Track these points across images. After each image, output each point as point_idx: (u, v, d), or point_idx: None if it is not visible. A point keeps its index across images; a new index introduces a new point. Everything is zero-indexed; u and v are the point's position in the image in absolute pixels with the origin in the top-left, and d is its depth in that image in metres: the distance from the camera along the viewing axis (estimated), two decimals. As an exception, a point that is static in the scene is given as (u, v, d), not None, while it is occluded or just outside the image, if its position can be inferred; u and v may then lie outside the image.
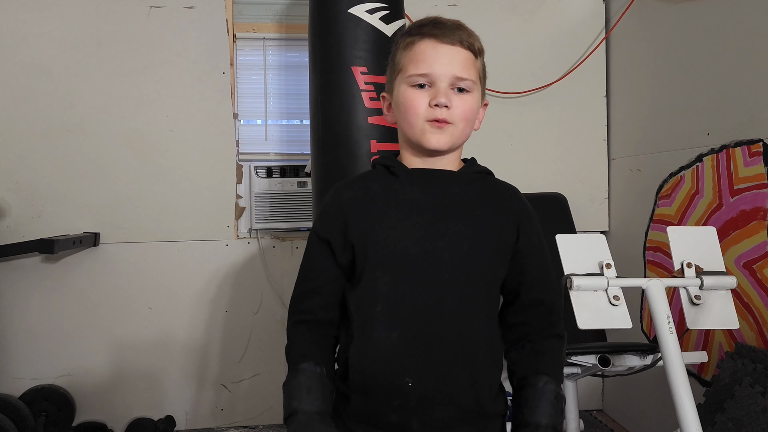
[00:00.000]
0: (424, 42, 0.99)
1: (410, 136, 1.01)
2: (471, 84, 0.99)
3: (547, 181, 2.79)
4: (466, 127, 1.01)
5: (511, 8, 2.83)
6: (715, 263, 1.41)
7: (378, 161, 1.08)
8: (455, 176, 1.04)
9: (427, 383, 0.95)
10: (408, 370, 0.95)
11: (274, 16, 2.82)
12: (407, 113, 0.99)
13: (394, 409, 0.95)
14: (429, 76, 0.97)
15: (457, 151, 1.05)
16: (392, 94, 1.05)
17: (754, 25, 1.93)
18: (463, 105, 0.99)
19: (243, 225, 2.80)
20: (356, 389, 0.98)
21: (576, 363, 1.91)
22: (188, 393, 2.72)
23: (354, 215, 1.00)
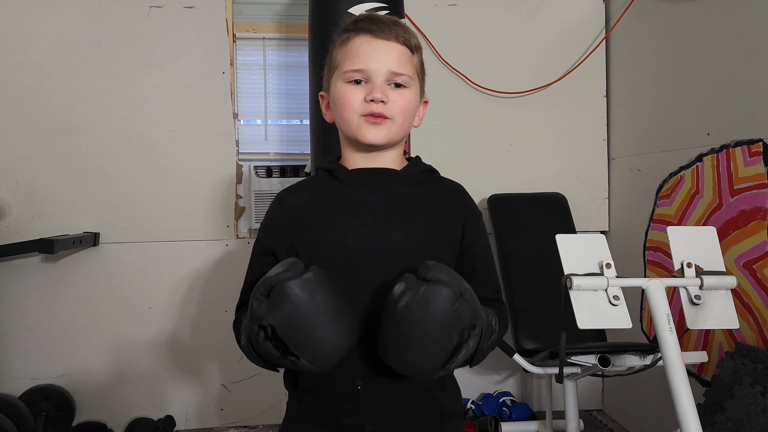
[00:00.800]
0: (359, 37, 0.99)
1: (347, 132, 1.00)
2: (407, 79, 0.99)
3: (547, 181, 2.79)
4: (404, 122, 0.99)
5: (511, 8, 2.83)
6: (715, 263, 1.41)
7: (320, 165, 1.06)
8: (399, 175, 1.03)
9: (377, 385, 0.94)
10: (357, 373, 0.94)
11: (274, 16, 2.82)
12: (343, 109, 0.98)
13: (347, 412, 0.94)
14: (364, 71, 0.97)
15: (397, 148, 1.04)
16: (329, 92, 1.04)
17: (754, 25, 1.93)
18: (400, 100, 0.98)
19: (243, 225, 2.80)
20: (308, 392, 0.98)
21: (576, 363, 1.92)
22: (188, 393, 2.72)
23: (299, 222, 0.99)
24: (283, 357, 0.83)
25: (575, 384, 2.10)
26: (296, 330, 0.80)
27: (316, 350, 0.81)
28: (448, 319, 0.81)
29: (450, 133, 2.77)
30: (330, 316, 0.82)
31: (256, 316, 0.82)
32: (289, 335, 0.80)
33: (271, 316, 0.80)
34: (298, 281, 0.80)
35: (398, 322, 0.82)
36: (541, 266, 2.40)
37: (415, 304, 0.81)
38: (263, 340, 0.83)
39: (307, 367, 0.83)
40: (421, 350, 0.82)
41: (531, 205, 2.65)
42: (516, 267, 2.47)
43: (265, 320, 0.81)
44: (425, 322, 0.81)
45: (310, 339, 0.81)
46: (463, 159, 2.77)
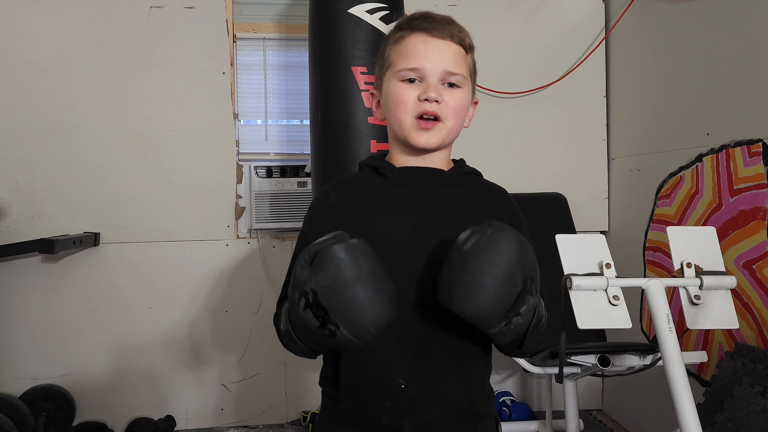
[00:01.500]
0: (414, 36, 0.97)
1: (398, 133, 0.99)
2: (461, 79, 0.98)
3: (547, 181, 2.79)
4: (456, 123, 0.99)
5: (511, 8, 2.84)
6: (714, 263, 1.41)
7: (365, 162, 1.06)
8: (445, 176, 1.02)
9: (420, 384, 0.93)
10: (401, 370, 0.93)
11: (274, 16, 2.82)
12: (396, 108, 0.97)
13: (385, 411, 0.93)
14: (419, 70, 0.95)
15: (447, 149, 1.03)
16: (381, 91, 1.03)
17: (754, 25, 1.93)
18: (453, 100, 0.97)
19: (243, 225, 2.80)
20: (347, 391, 0.97)
21: (576, 363, 1.92)
22: (188, 393, 2.72)
23: (342, 217, 0.98)
24: (322, 327, 0.80)
25: (575, 384, 2.10)
26: (338, 295, 0.79)
27: (357, 318, 0.79)
28: (514, 259, 0.81)
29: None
30: (373, 283, 0.81)
31: (299, 281, 0.81)
32: (331, 300, 0.79)
33: (314, 280, 0.79)
34: (343, 245, 0.80)
35: (465, 262, 0.82)
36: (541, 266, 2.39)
37: (482, 244, 0.81)
38: (303, 308, 0.81)
39: (345, 339, 0.80)
40: (488, 290, 0.81)
41: (531, 205, 2.65)
42: (516, 267, 2.46)
43: (307, 285, 0.80)
44: (493, 260, 0.80)
45: (351, 305, 0.79)
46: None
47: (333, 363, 0.99)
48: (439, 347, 0.94)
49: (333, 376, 0.99)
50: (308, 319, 0.81)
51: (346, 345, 0.82)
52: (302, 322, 0.82)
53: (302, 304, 0.81)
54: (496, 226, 0.84)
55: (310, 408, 2.77)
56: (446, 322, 0.92)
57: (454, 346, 0.95)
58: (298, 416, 2.79)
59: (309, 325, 0.82)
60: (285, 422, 2.79)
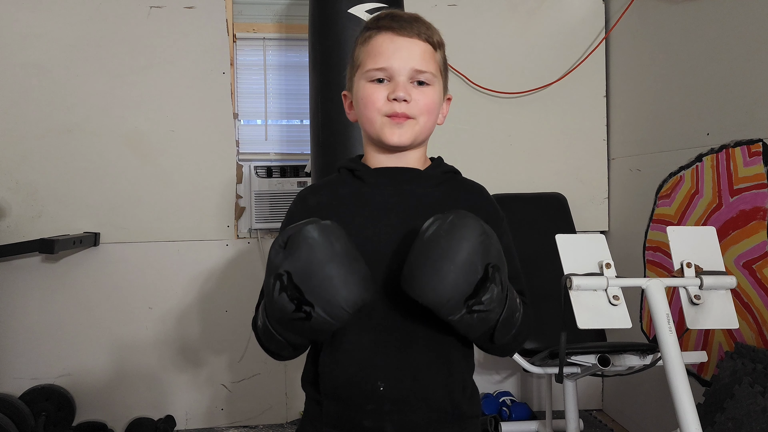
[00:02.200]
0: (381, 35, 0.97)
1: (370, 132, 0.99)
2: (431, 77, 0.97)
3: (547, 181, 2.79)
4: (428, 120, 0.99)
5: (511, 8, 2.84)
6: (714, 263, 1.41)
7: (342, 164, 1.05)
8: (422, 176, 1.01)
9: (400, 386, 0.93)
10: (380, 373, 0.92)
11: (274, 16, 2.82)
12: (366, 109, 0.97)
13: (367, 414, 0.93)
14: (387, 69, 0.95)
15: (421, 147, 1.03)
16: (352, 92, 1.03)
17: (754, 25, 1.93)
18: (423, 98, 0.97)
19: (243, 225, 2.80)
20: (328, 394, 0.96)
21: (576, 363, 1.92)
22: (188, 393, 2.72)
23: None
24: (297, 310, 0.81)
25: (575, 384, 2.10)
26: (312, 274, 0.79)
27: (332, 297, 0.80)
28: (474, 246, 0.82)
29: (450, 133, 2.77)
30: (347, 263, 0.81)
31: (273, 265, 0.82)
32: (305, 279, 0.80)
33: (288, 262, 0.80)
34: (316, 226, 0.82)
35: (424, 247, 0.82)
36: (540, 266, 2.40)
37: (442, 230, 0.82)
38: (279, 292, 0.81)
39: (320, 320, 0.81)
40: (444, 274, 0.81)
41: (531, 205, 2.65)
42: (516, 267, 2.46)
43: (281, 267, 0.81)
44: (450, 245, 0.81)
45: (325, 284, 0.79)
46: (463, 159, 2.73)
47: (313, 365, 0.99)
48: (419, 348, 0.94)
49: (313, 379, 0.99)
50: (283, 303, 0.81)
51: (322, 327, 0.82)
52: (278, 308, 0.82)
53: (277, 288, 0.81)
54: (460, 214, 0.84)
55: (310, 408, 2.76)
56: (426, 322, 0.92)
57: (434, 347, 0.94)
58: (298, 416, 2.79)
59: (285, 310, 0.82)
60: (285, 422, 2.79)
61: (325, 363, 0.96)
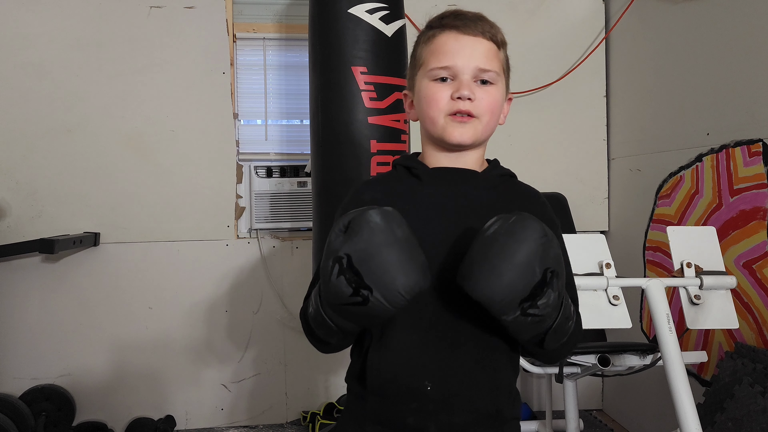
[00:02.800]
0: (445, 34, 0.97)
1: (432, 131, 0.98)
2: (495, 76, 0.96)
3: (547, 181, 2.79)
4: (491, 120, 0.98)
5: (510, 8, 2.84)
6: (714, 263, 1.41)
7: (398, 162, 1.04)
8: (479, 177, 1.00)
9: (446, 387, 0.92)
10: (427, 373, 0.92)
11: (274, 16, 2.82)
12: (429, 108, 0.96)
13: (411, 412, 0.92)
14: (451, 68, 0.95)
15: (481, 148, 1.02)
16: (414, 91, 1.02)
17: (754, 25, 1.93)
18: (487, 97, 0.96)
19: (243, 225, 2.80)
20: (373, 391, 0.95)
21: (576, 363, 1.92)
22: (188, 393, 2.72)
23: None
24: (355, 294, 0.80)
25: (575, 384, 2.10)
26: (372, 257, 0.79)
27: (390, 282, 0.79)
28: (533, 248, 0.81)
29: (450, 133, 2.77)
30: (407, 248, 0.81)
31: (333, 248, 0.81)
32: (364, 262, 0.79)
33: (348, 245, 0.80)
34: (378, 210, 0.81)
35: (483, 246, 0.82)
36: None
37: (503, 230, 0.82)
38: (337, 275, 0.80)
39: (377, 304, 0.80)
40: (501, 273, 0.80)
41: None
42: (516, 267, 2.46)
43: (341, 250, 0.80)
44: (510, 245, 0.81)
45: (385, 267, 0.79)
46: (463, 159, 2.76)
47: (360, 361, 0.98)
48: (467, 350, 0.93)
49: (359, 375, 0.98)
50: (341, 287, 0.80)
51: (378, 313, 0.81)
52: (334, 292, 0.81)
53: (336, 271, 0.80)
54: (522, 216, 0.84)
55: (310, 408, 2.77)
56: (476, 324, 0.92)
57: (482, 350, 0.94)
58: (298, 416, 2.79)
59: (341, 294, 0.81)
60: (285, 422, 2.79)
61: (373, 359, 0.95)
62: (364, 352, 0.97)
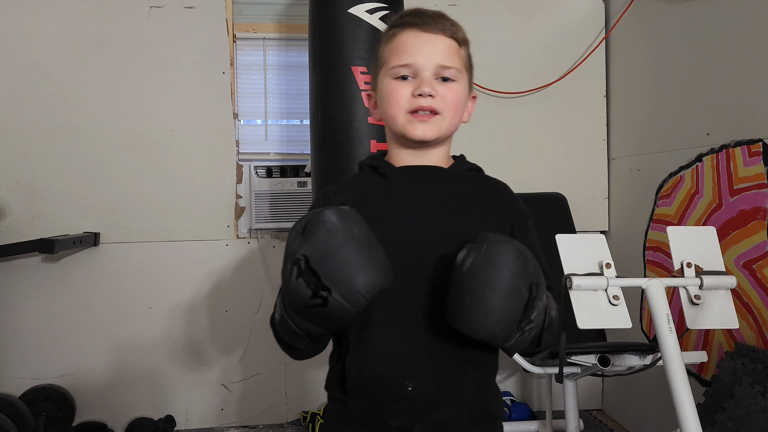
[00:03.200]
0: (405, 32, 0.97)
1: (395, 129, 0.98)
2: (456, 72, 0.97)
3: (547, 181, 2.79)
4: (453, 117, 0.98)
5: (510, 8, 2.84)
6: (714, 263, 1.41)
7: (364, 162, 1.04)
8: (447, 173, 1.01)
9: (429, 385, 0.92)
10: (407, 373, 0.91)
11: (274, 16, 2.82)
12: (390, 106, 0.97)
13: (395, 414, 0.92)
14: (412, 66, 0.95)
15: (445, 145, 1.02)
16: (377, 91, 1.02)
17: (754, 25, 1.93)
18: (449, 93, 0.96)
19: (243, 225, 2.80)
20: (355, 394, 0.95)
21: (576, 363, 1.92)
22: (188, 393, 2.72)
23: None
24: (314, 296, 0.78)
25: (575, 384, 2.10)
26: (329, 257, 0.78)
27: (349, 281, 0.78)
28: (514, 271, 0.81)
29: (450, 133, 2.77)
30: (365, 247, 0.80)
31: (291, 251, 0.80)
32: (322, 263, 0.78)
33: (306, 246, 0.79)
34: (335, 210, 0.80)
35: (466, 283, 0.82)
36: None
37: (480, 262, 0.81)
38: (296, 278, 0.79)
39: (337, 305, 0.78)
40: (494, 308, 0.80)
41: (531, 205, 2.62)
42: (516, 267, 2.46)
43: (299, 251, 0.79)
44: (493, 277, 0.80)
45: (342, 266, 0.78)
46: (463, 159, 2.76)
47: (339, 366, 0.98)
48: (447, 347, 0.93)
49: (339, 379, 0.97)
50: (300, 289, 0.79)
51: (339, 314, 0.80)
52: (294, 295, 0.81)
53: (294, 274, 0.79)
54: (491, 240, 0.83)
55: (310, 408, 2.77)
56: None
57: (461, 346, 0.93)
58: (298, 416, 2.79)
59: (301, 296, 0.79)
60: (285, 422, 2.79)
61: (352, 362, 0.94)
62: (343, 356, 0.96)
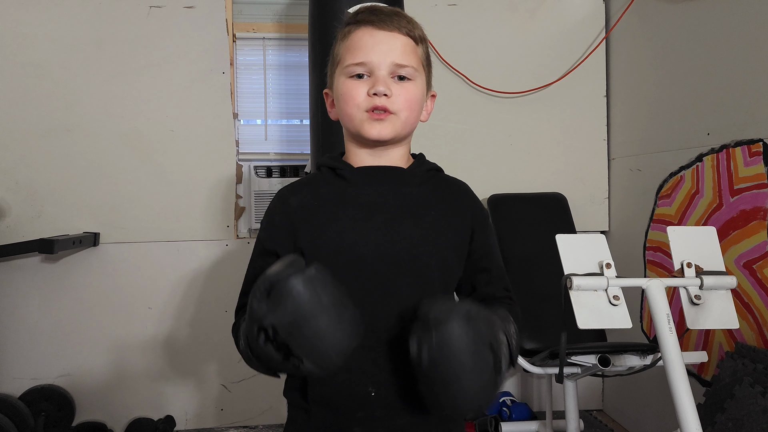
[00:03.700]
0: (360, 30, 0.95)
1: (351, 128, 0.96)
2: (412, 71, 0.95)
3: (547, 181, 2.79)
4: (410, 116, 0.96)
5: (511, 8, 2.83)
6: (715, 263, 1.41)
7: (322, 162, 1.02)
8: (405, 174, 0.99)
9: (390, 391, 0.91)
10: (369, 379, 0.91)
11: (274, 16, 2.82)
12: (346, 105, 0.95)
13: (358, 421, 0.91)
14: (367, 64, 0.93)
15: (404, 145, 1.00)
16: (333, 89, 1.00)
17: (754, 25, 1.93)
18: (405, 93, 0.94)
19: (243, 225, 2.80)
20: (317, 402, 0.94)
21: (576, 363, 1.92)
22: (188, 393, 2.72)
23: (303, 222, 0.95)
24: (285, 360, 0.78)
25: (575, 384, 2.10)
26: (299, 330, 0.75)
27: (321, 351, 0.77)
28: (473, 347, 0.79)
29: (450, 133, 2.77)
30: (335, 313, 0.77)
31: (256, 316, 0.77)
32: (292, 335, 0.76)
33: (272, 316, 0.75)
34: (301, 278, 0.76)
35: (432, 378, 0.80)
36: (541, 266, 2.40)
37: (436, 353, 0.79)
38: (264, 342, 0.78)
39: (310, 370, 0.78)
40: (469, 391, 0.80)
41: (531, 205, 2.65)
42: (516, 267, 2.47)
43: (265, 320, 0.76)
44: (456, 364, 0.79)
45: (313, 340, 0.76)
46: (464, 159, 2.77)
47: (300, 376, 0.97)
48: (407, 352, 0.91)
49: (300, 387, 0.97)
50: (270, 353, 0.78)
51: (312, 375, 0.80)
52: (264, 354, 0.80)
53: (262, 339, 0.78)
54: (436, 322, 0.79)
55: (310, 408, 2.76)
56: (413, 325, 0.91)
57: None
58: (298, 416, 2.79)
59: (272, 357, 0.79)
60: (285, 422, 2.78)
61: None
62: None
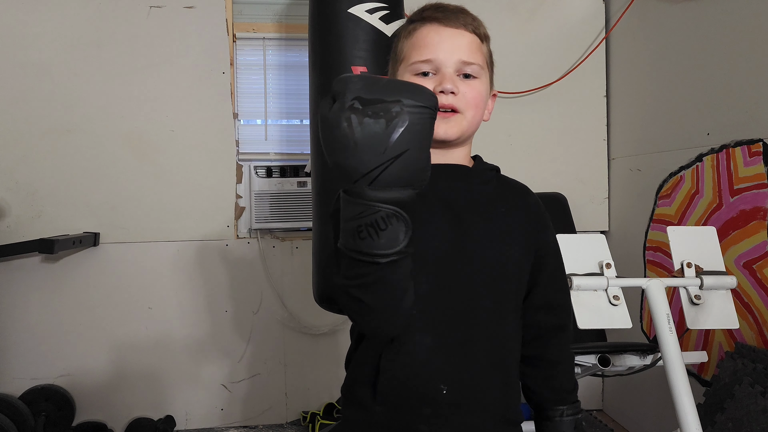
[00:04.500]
0: (426, 27, 0.94)
1: None
2: (478, 69, 0.94)
3: (547, 181, 2.79)
4: (475, 115, 0.95)
5: (511, 8, 2.83)
6: (715, 263, 1.41)
7: None
8: (472, 173, 0.98)
9: (461, 390, 0.89)
10: (442, 376, 0.89)
11: (274, 16, 2.82)
12: None
13: (424, 419, 0.89)
14: (433, 62, 0.92)
15: (467, 144, 1.00)
16: None
17: (754, 25, 1.93)
18: (471, 91, 0.93)
19: (243, 225, 2.80)
20: (384, 397, 0.91)
21: (576, 363, 1.92)
22: (188, 393, 2.72)
23: None
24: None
25: (575, 384, 2.10)
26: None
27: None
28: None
29: (450, 133, 2.77)
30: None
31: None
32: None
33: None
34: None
35: None
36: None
37: None
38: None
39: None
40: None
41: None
42: (516, 267, 2.46)
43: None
44: None
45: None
46: (463, 159, 2.77)
47: (365, 368, 0.93)
48: (480, 352, 0.90)
49: (368, 382, 0.92)
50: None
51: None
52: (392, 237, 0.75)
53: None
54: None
55: (310, 408, 2.76)
56: (487, 325, 0.90)
57: (492, 351, 0.91)
58: (298, 416, 2.79)
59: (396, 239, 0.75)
60: (285, 422, 2.79)
61: (386, 364, 0.90)
62: (375, 358, 0.93)
